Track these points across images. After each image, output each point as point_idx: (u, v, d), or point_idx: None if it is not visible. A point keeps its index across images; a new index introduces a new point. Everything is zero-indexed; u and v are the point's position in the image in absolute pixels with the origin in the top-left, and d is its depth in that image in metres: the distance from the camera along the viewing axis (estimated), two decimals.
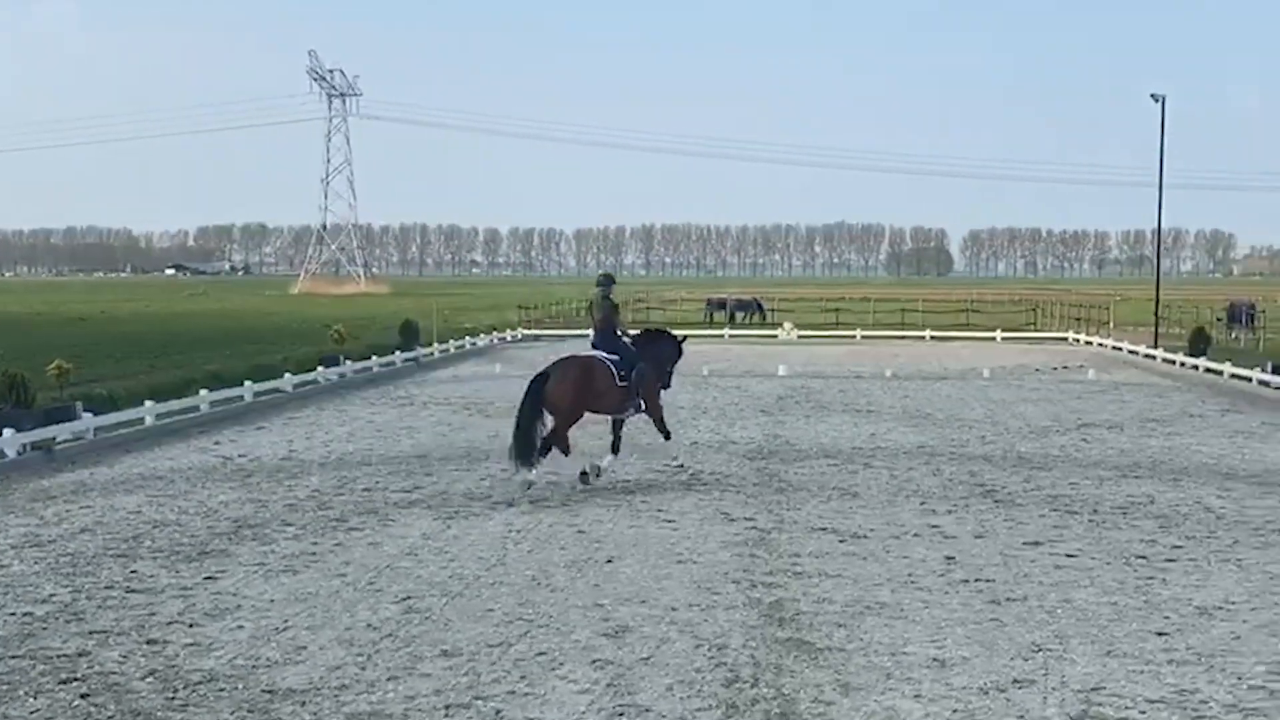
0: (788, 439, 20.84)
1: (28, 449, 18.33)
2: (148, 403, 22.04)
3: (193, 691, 8.32)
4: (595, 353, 16.65)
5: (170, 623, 9.98)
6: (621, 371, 16.34)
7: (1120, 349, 43.08)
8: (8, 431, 17.94)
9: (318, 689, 8.36)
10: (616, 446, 16.87)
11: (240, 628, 9.82)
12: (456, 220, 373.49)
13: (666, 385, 17.47)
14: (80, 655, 9.13)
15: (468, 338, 45.47)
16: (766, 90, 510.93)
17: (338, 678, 8.58)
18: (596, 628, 9.78)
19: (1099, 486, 16.37)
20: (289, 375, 28.30)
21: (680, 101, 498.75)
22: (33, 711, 7.98)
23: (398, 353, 36.53)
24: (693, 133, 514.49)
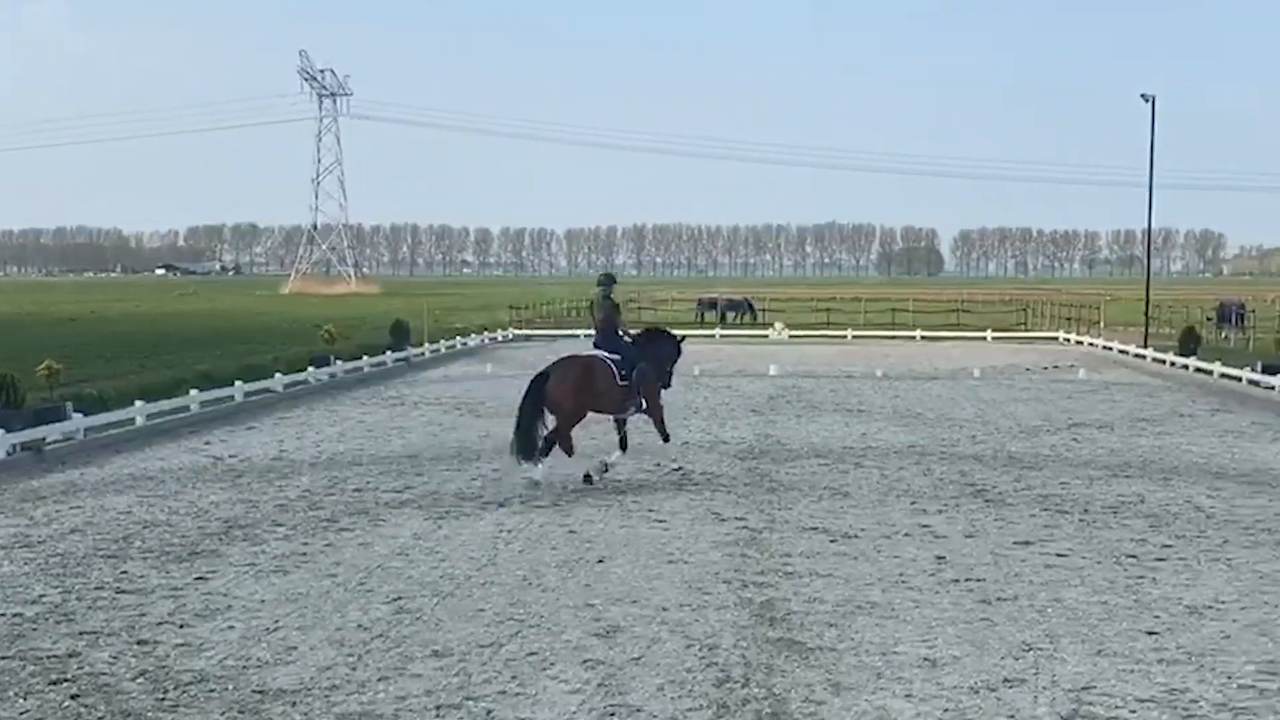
0: (779, 439, 20.85)
1: (17, 449, 18.29)
2: (138, 403, 22.01)
3: (183, 692, 8.31)
4: (596, 352, 16.69)
5: (161, 623, 9.96)
6: (622, 371, 16.38)
7: (1111, 349, 43.18)
8: None
9: (308, 689, 8.35)
10: (624, 443, 16.92)
11: (231, 628, 9.81)
12: (447, 220, 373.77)
13: (667, 385, 17.51)
14: (70, 656, 9.11)
15: (459, 338, 45.44)
16: (758, 90, 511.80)
17: (328, 678, 8.58)
18: (588, 628, 9.77)
19: (1089, 486, 16.40)
20: (280, 375, 28.26)
21: (672, 101, 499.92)
22: (23, 712, 7.96)
23: (388, 353, 36.49)
24: (684, 133, 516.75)
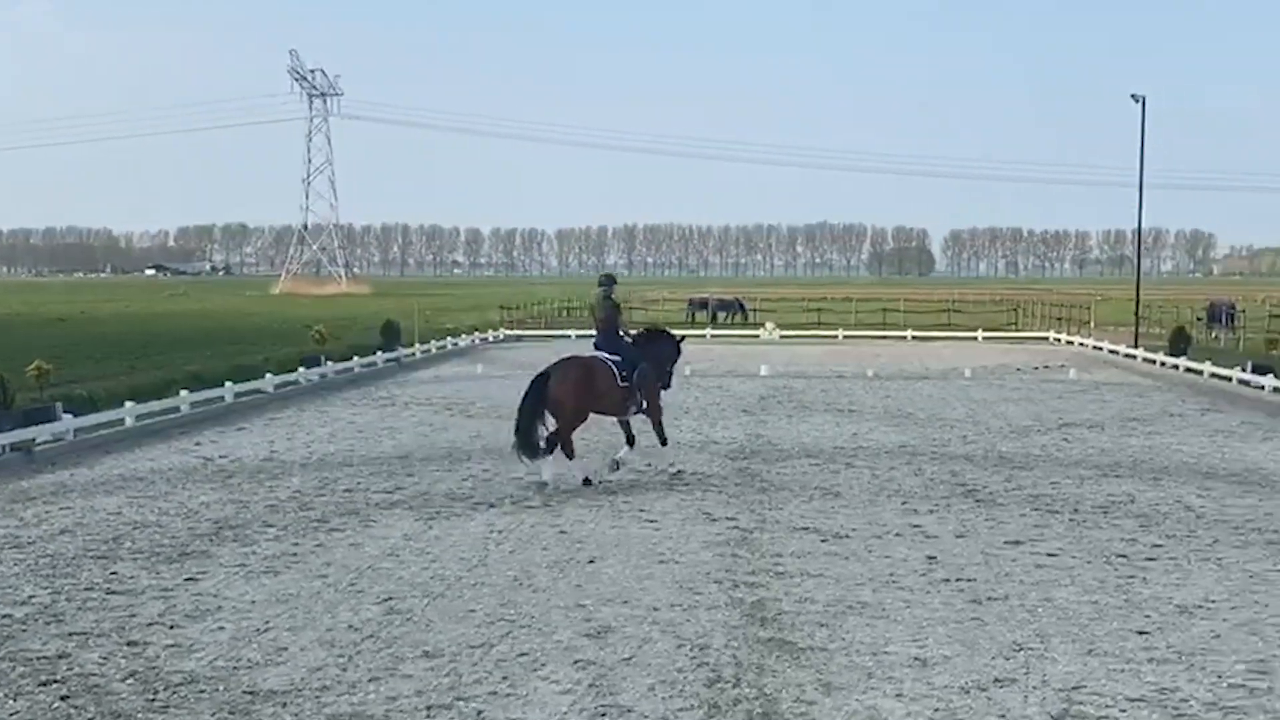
0: (770, 439, 20.86)
1: (7, 450, 18.25)
2: (128, 403, 21.97)
3: (173, 693, 8.29)
4: (596, 353, 16.71)
5: (151, 624, 9.94)
6: (623, 372, 16.40)
7: (1101, 349, 43.23)
8: None
9: (299, 690, 8.34)
10: (631, 439, 16.96)
11: (221, 629, 9.79)
12: (438, 220, 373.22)
13: (667, 385, 17.54)
14: (60, 657, 9.09)
15: (449, 338, 45.37)
16: (749, 91, 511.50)
17: (319, 679, 8.56)
18: (578, 628, 9.77)
19: (1080, 486, 16.43)
20: (270, 376, 28.22)
21: (663, 101, 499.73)
22: (12, 714, 7.94)
23: (379, 353, 36.48)
24: (675, 133, 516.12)
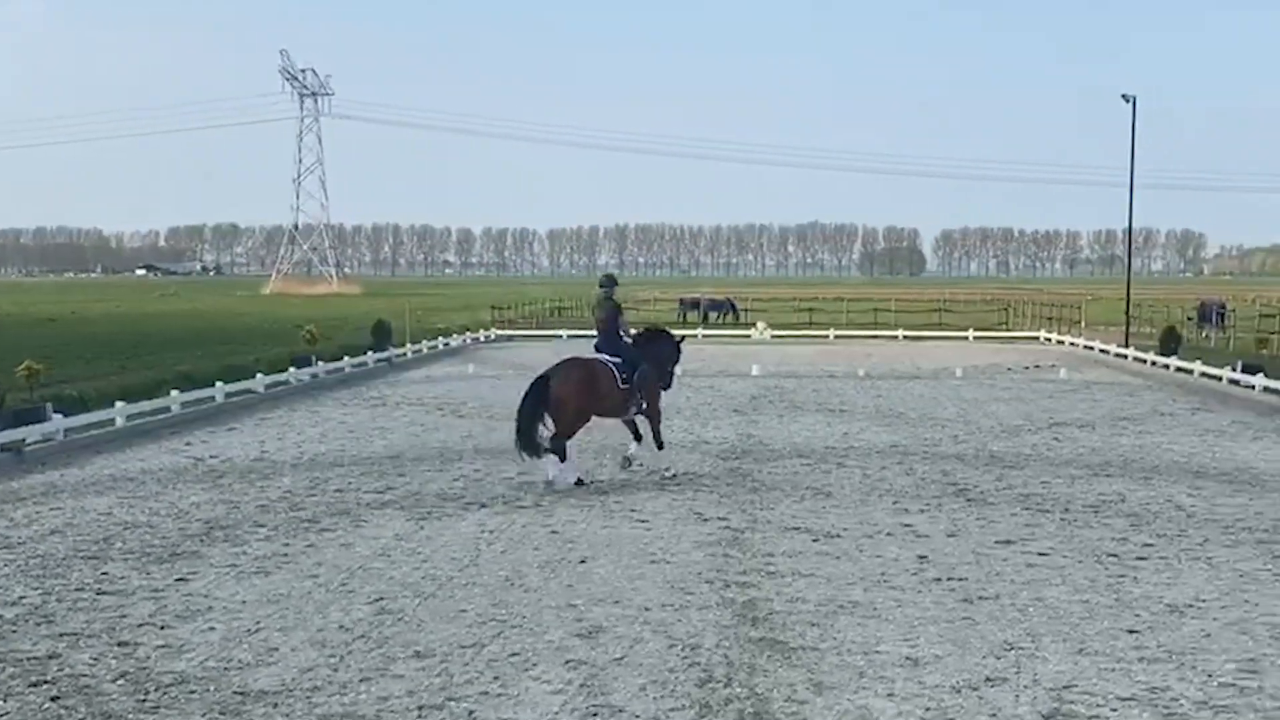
0: (761, 438, 20.87)
1: None
2: (118, 404, 21.93)
3: (164, 694, 8.28)
4: (597, 355, 16.71)
5: (141, 625, 9.92)
6: (624, 374, 16.43)
7: (1092, 348, 43.31)
8: None
9: (290, 690, 8.32)
10: (638, 434, 17.06)
11: (212, 629, 9.78)
12: (429, 220, 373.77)
13: (668, 386, 17.59)
14: (50, 658, 9.07)
15: (440, 338, 45.33)
16: (740, 91, 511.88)
17: (310, 679, 8.55)
18: (570, 628, 9.77)
19: (1070, 485, 16.45)
20: (261, 376, 28.18)
21: (654, 101, 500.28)
22: (2, 714, 7.92)
23: (370, 353, 36.41)
24: (666, 133, 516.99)
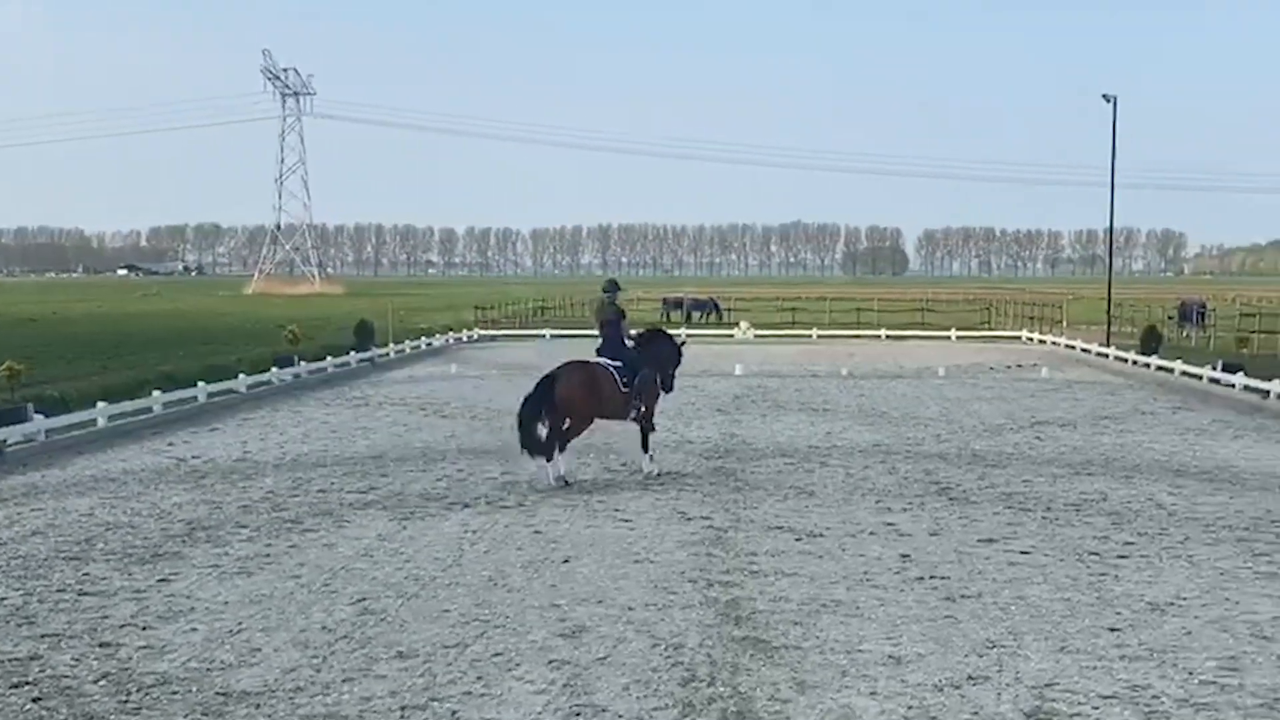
0: (744, 438, 20.88)
1: None
2: (100, 404, 21.86)
3: (146, 695, 8.25)
4: (599, 359, 16.85)
5: (123, 625, 9.89)
6: (624, 378, 16.59)
7: (1073, 347, 43.45)
8: None
9: (272, 691, 8.31)
10: (645, 444, 17.26)
11: (194, 630, 9.75)
12: (412, 220, 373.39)
13: (669, 389, 17.73)
14: (32, 659, 9.04)
15: (423, 338, 45.28)
16: (723, 91, 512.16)
17: (292, 680, 8.54)
18: (553, 628, 9.77)
19: (1052, 484, 16.51)
20: (243, 376, 28.12)
21: (637, 101, 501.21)
22: None
23: (353, 353, 36.35)
24: (649, 133, 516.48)
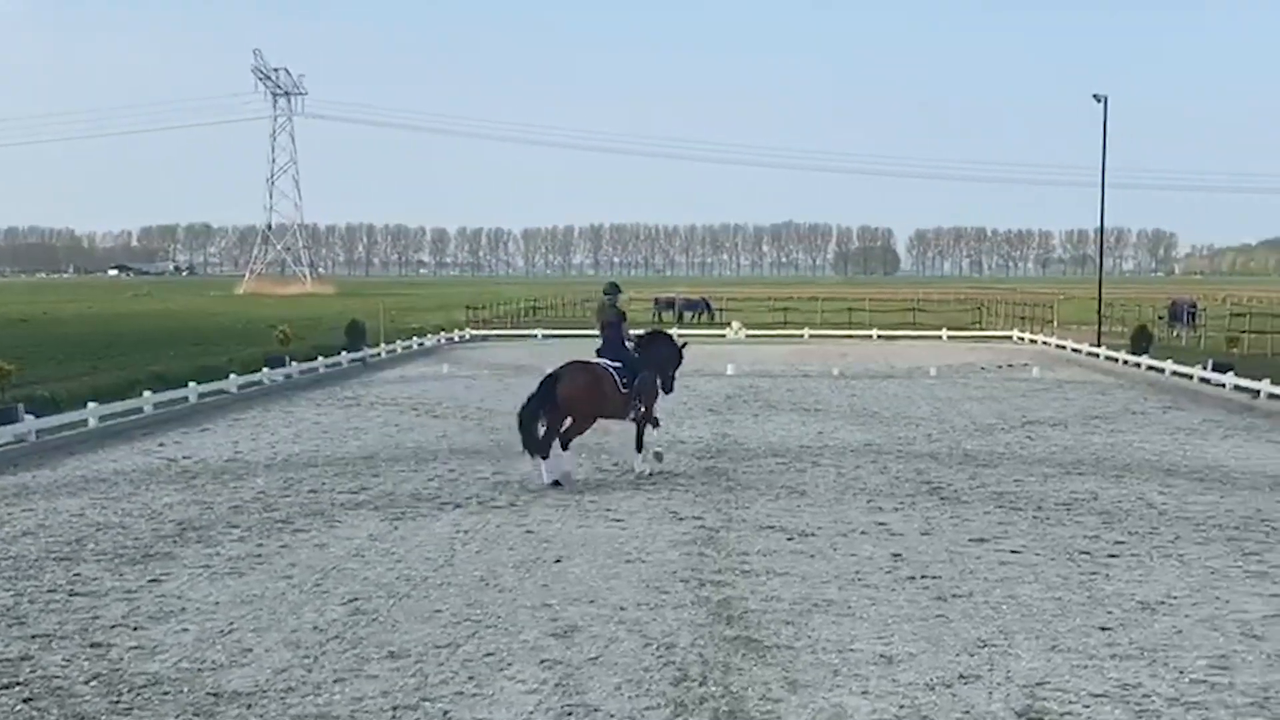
0: (736, 438, 20.89)
1: None
2: (91, 404, 21.82)
3: (137, 695, 8.25)
4: (599, 360, 16.95)
5: (114, 626, 9.88)
6: (624, 379, 16.72)
7: (1064, 347, 43.51)
8: None
9: (264, 691, 8.30)
10: (655, 421, 17.44)
11: (185, 630, 9.74)
12: (403, 220, 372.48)
13: (669, 389, 17.87)
14: (23, 659, 9.03)
15: (415, 338, 45.24)
16: (715, 91, 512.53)
17: (284, 680, 8.53)
18: (545, 628, 9.77)
19: (1043, 483, 16.53)
20: (234, 376, 28.07)
21: (629, 101, 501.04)
22: None
23: (344, 353, 36.33)
24: (641, 133, 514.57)
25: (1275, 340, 42.01)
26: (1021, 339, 50.20)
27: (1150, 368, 33.83)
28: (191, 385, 25.74)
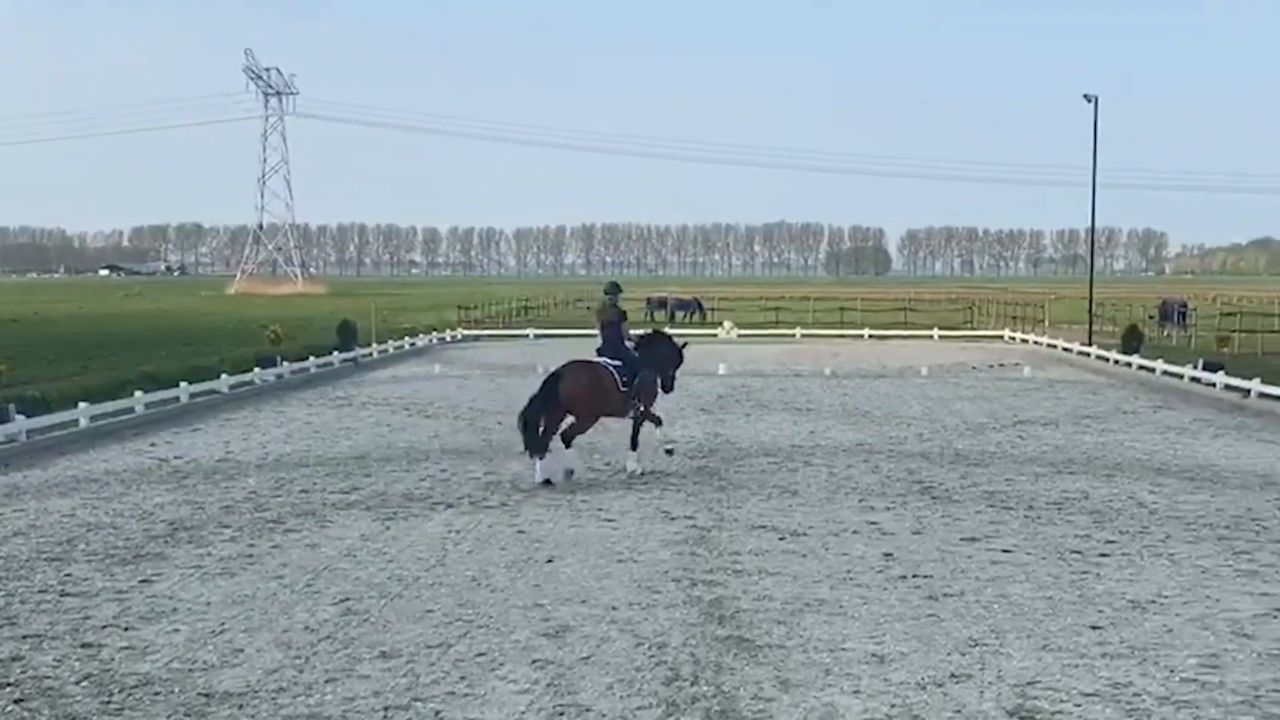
0: (728, 437, 20.90)
1: None
2: (82, 404, 21.78)
3: (128, 695, 8.23)
4: (600, 359, 17.07)
5: (105, 626, 9.87)
6: (624, 377, 16.85)
7: (1055, 347, 43.54)
8: None
9: (255, 692, 8.29)
10: (658, 421, 17.61)
11: (176, 631, 9.73)
12: (395, 220, 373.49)
13: (669, 389, 18.07)
14: (14, 660, 9.01)
15: (406, 338, 45.18)
16: (706, 90, 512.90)
17: (275, 680, 8.52)
18: (536, 628, 9.77)
19: (1034, 482, 16.55)
20: (225, 376, 28.05)
21: (620, 101, 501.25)
22: None
23: (335, 353, 36.27)
24: (633, 132, 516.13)
25: (1266, 340, 42.15)
26: (1013, 338, 50.24)
27: (1141, 367, 33.88)
28: (183, 385, 25.71)
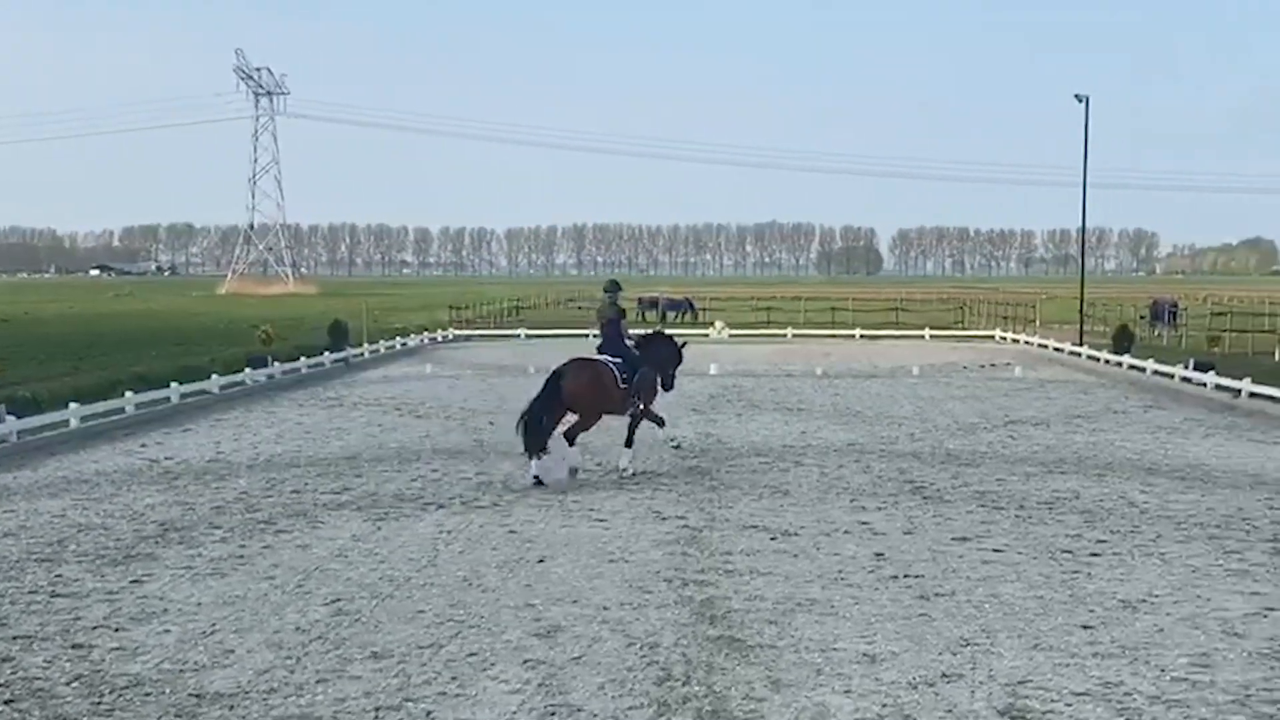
0: (719, 437, 20.91)
1: None
2: (72, 405, 21.74)
3: (119, 696, 8.22)
4: (600, 357, 17.20)
5: (96, 627, 9.85)
6: (624, 375, 16.96)
7: (1046, 346, 43.60)
8: None
9: (246, 693, 8.28)
10: (660, 421, 17.75)
11: (167, 631, 9.71)
12: (386, 220, 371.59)
13: (669, 388, 18.24)
14: (4, 661, 8.99)
15: (398, 338, 45.16)
16: (697, 90, 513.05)
17: (266, 681, 8.51)
18: (528, 628, 9.76)
19: (1025, 482, 16.58)
20: (216, 376, 27.99)
21: (612, 101, 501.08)
22: None
23: (326, 353, 36.22)
24: (624, 132, 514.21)
25: (1256, 339, 42.24)
26: (1004, 338, 50.28)
27: (1132, 367, 33.93)
28: (173, 385, 25.66)
